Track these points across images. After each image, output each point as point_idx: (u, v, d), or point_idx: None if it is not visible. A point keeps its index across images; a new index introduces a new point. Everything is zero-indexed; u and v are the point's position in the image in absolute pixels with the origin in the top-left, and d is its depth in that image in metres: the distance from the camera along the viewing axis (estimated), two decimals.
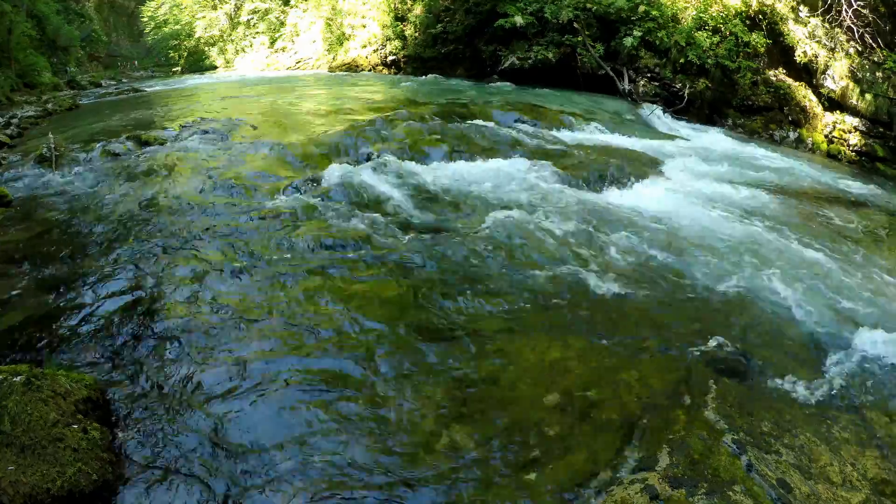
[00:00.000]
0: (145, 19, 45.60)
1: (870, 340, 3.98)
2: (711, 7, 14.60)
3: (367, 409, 3.11)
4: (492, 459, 2.82)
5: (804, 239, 5.99)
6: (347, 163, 6.95)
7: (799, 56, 13.47)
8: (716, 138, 12.19)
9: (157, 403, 3.09)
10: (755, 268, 4.99)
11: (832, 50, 13.20)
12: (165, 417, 2.99)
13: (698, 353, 3.79)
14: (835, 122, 13.39)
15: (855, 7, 12.08)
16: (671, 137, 11.45)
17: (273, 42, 33.57)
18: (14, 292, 4.21)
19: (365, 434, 2.94)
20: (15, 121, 12.37)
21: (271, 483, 2.64)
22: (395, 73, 22.20)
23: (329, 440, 2.89)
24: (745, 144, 11.75)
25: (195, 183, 6.45)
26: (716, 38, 14.24)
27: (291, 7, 32.11)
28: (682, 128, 13.17)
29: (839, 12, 12.36)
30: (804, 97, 13.86)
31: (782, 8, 13.82)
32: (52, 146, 7.85)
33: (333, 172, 6.52)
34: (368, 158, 7.46)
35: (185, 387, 3.21)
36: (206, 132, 8.90)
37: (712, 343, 3.87)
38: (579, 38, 16.14)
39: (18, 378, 2.67)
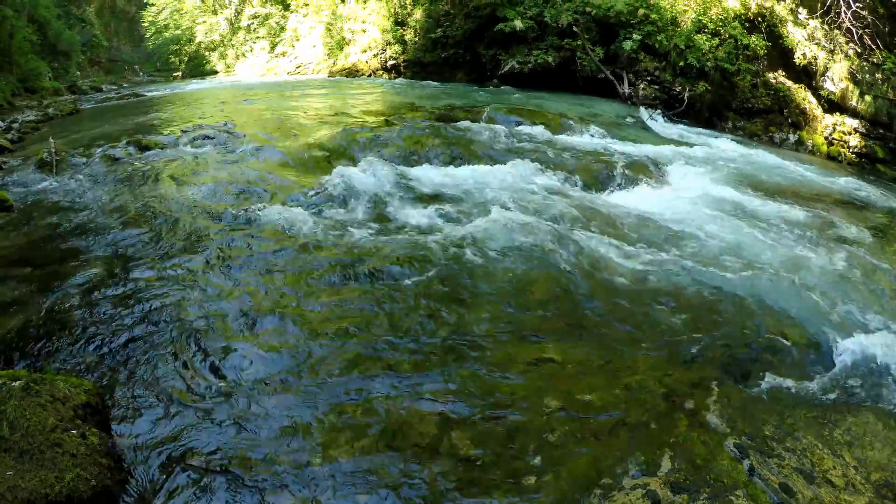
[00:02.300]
0: (146, 24, 45.74)
1: (872, 342, 3.97)
2: (711, 10, 14.63)
3: (367, 413, 3.10)
4: (492, 464, 2.81)
5: (805, 241, 5.98)
6: (347, 167, 6.94)
7: (798, 58, 13.49)
8: (716, 141, 12.17)
9: (157, 409, 3.08)
10: (756, 270, 4.97)
11: (831, 52, 13.22)
12: (165, 423, 2.98)
13: (700, 356, 3.78)
14: (835, 124, 13.40)
15: (854, 9, 12.10)
16: (671, 141, 11.45)
17: (273, 47, 33.65)
18: (13, 296, 4.20)
19: (366, 438, 2.92)
20: (16, 125, 12.40)
21: (273, 488, 2.63)
22: (396, 78, 22.21)
23: (331, 444, 2.87)
24: (746, 147, 11.74)
25: (195, 188, 6.45)
26: (715, 41, 14.26)
27: (291, 12, 32.19)
28: (682, 131, 13.17)
29: (838, 14, 12.39)
30: (804, 99, 13.87)
31: (781, 10, 13.84)
32: (53, 151, 7.85)
33: (333, 177, 6.52)
34: (367, 162, 7.45)
35: (185, 393, 3.19)
36: (206, 137, 8.90)
37: (714, 346, 3.87)
38: (579, 42, 16.17)
39: (17, 383, 2.66)
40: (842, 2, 12.21)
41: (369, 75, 23.53)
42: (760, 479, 2.76)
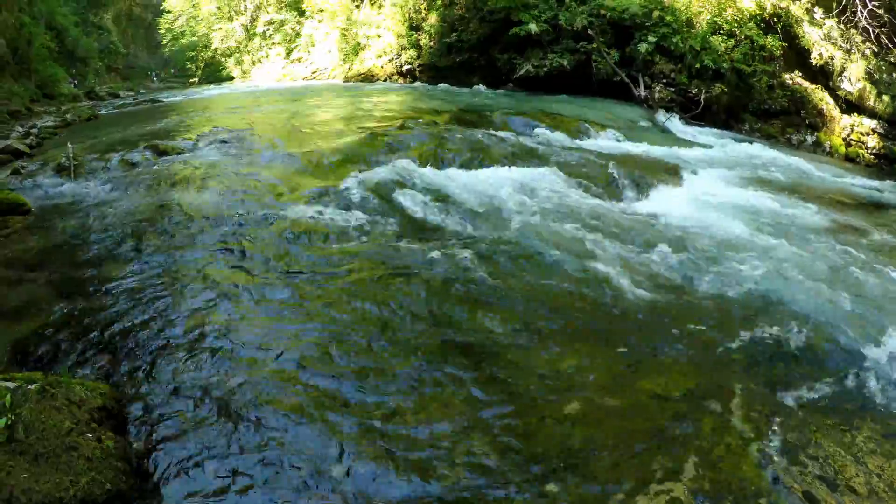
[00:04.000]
0: (162, 31, 46.21)
1: (894, 347, 3.90)
2: (726, 11, 14.53)
3: (384, 421, 3.07)
4: (512, 471, 2.77)
5: (825, 244, 5.90)
6: (365, 172, 6.94)
7: (815, 58, 13.37)
8: (733, 143, 12.09)
9: (173, 413, 3.06)
10: (777, 274, 4.91)
11: (848, 51, 13.08)
12: (180, 427, 2.96)
13: (723, 360, 3.73)
14: (852, 125, 13.26)
15: (870, 7, 11.95)
16: (688, 143, 11.38)
17: (289, 53, 33.88)
18: (31, 299, 4.23)
19: (383, 446, 2.90)
20: (34, 131, 12.55)
21: (290, 494, 2.60)
22: (411, 83, 22.26)
23: (348, 452, 2.85)
24: (763, 149, 11.65)
25: (212, 193, 6.47)
26: (731, 42, 14.17)
27: (307, 18, 32.37)
28: (698, 133, 13.10)
29: (854, 13, 12.25)
30: (821, 100, 13.74)
31: (797, 10, 13.72)
32: (71, 155, 7.92)
33: (351, 181, 6.52)
34: (384, 167, 7.44)
35: (201, 397, 3.18)
36: (223, 142, 8.94)
37: (738, 351, 3.82)
38: (594, 45, 16.11)
39: (33, 386, 2.66)
40: (857, 1, 12.07)
41: (385, 80, 23.62)
42: (784, 487, 2.71)
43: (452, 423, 3.07)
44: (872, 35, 12.31)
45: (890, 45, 12.28)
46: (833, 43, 13.19)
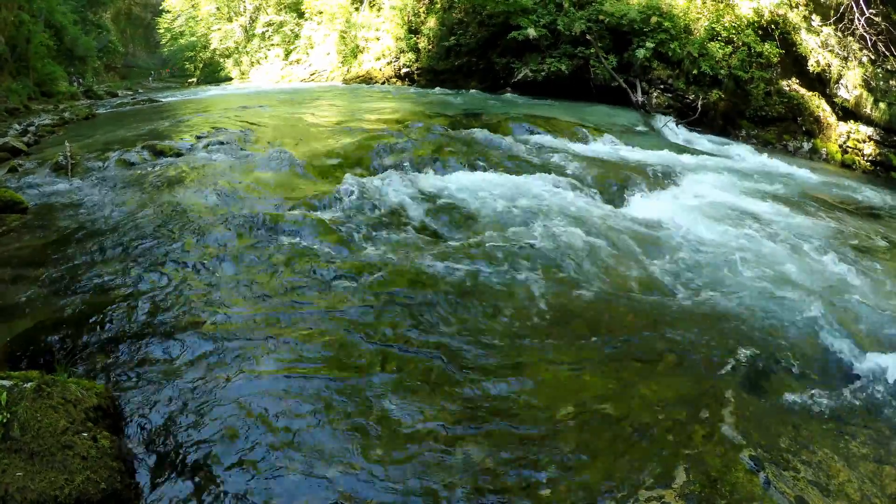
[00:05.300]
0: (161, 31, 46.12)
1: (889, 355, 3.92)
2: (724, 18, 14.57)
3: (378, 423, 3.08)
4: (505, 475, 2.78)
5: (821, 251, 5.92)
6: (362, 175, 6.94)
7: (812, 65, 13.41)
8: (730, 149, 12.14)
9: (168, 413, 3.07)
10: (772, 281, 4.93)
11: (845, 59, 13.13)
12: (176, 427, 2.97)
13: (716, 367, 3.74)
14: (849, 132, 13.30)
15: (868, 15, 12.00)
16: (685, 149, 11.41)
17: (288, 54, 33.86)
18: (28, 298, 4.23)
19: (376, 448, 2.90)
20: (32, 129, 12.53)
21: (286, 496, 2.61)
22: (409, 86, 22.28)
23: (341, 454, 2.85)
24: (759, 155, 11.70)
25: (209, 194, 6.47)
26: (728, 49, 14.21)
27: (306, 20, 32.38)
28: (695, 139, 13.14)
29: (851, 21, 12.30)
30: (818, 107, 13.78)
31: (795, 17, 13.76)
32: (68, 154, 7.92)
33: (348, 184, 6.52)
34: (383, 170, 7.45)
35: (196, 398, 3.19)
36: (221, 143, 8.95)
37: (730, 357, 3.83)
38: (592, 50, 16.14)
39: (29, 384, 2.66)
40: (855, 8, 12.13)
41: (383, 83, 23.63)
42: (776, 492, 2.72)
43: (447, 425, 3.08)
44: (870, 43, 12.36)
45: (887, 53, 12.33)
46: (830, 50, 13.24)
